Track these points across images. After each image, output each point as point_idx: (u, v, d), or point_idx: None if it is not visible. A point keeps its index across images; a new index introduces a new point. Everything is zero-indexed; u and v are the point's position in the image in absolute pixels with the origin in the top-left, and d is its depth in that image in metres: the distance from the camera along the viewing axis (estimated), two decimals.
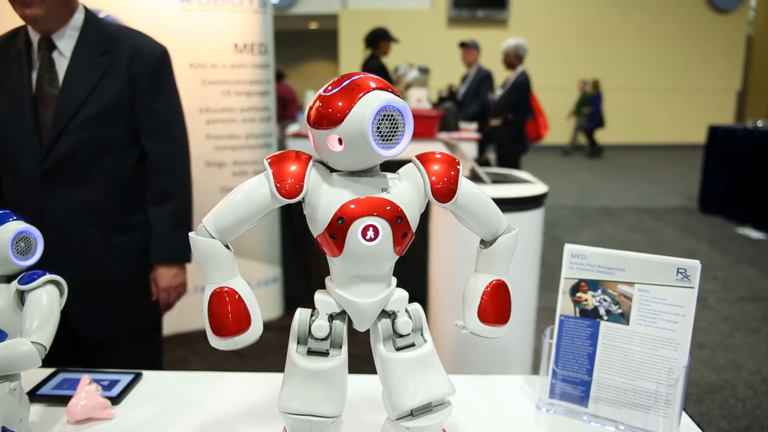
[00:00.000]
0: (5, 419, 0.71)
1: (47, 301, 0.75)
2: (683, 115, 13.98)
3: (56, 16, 1.34)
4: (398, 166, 0.69)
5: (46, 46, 1.36)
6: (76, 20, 1.39)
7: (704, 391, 2.61)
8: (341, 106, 0.59)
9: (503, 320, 0.72)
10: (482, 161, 4.62)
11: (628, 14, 13.58)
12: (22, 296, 0.77)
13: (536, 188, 2.14)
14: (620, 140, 13.98)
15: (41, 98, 1.36)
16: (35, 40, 1.36)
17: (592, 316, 0.88)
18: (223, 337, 0.63)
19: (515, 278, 0.74)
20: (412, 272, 1.30)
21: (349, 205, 0.62)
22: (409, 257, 0.70)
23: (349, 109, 0.59)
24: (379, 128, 0.59)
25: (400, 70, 5.33)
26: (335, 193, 0.63)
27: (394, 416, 0.67)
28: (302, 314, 0.68)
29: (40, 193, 1.37)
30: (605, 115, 12.57)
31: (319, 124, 0.61)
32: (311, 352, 0.67)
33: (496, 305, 0.71)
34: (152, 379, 1.01)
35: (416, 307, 0.71)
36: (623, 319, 0.86)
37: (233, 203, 0.64)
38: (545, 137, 5.68)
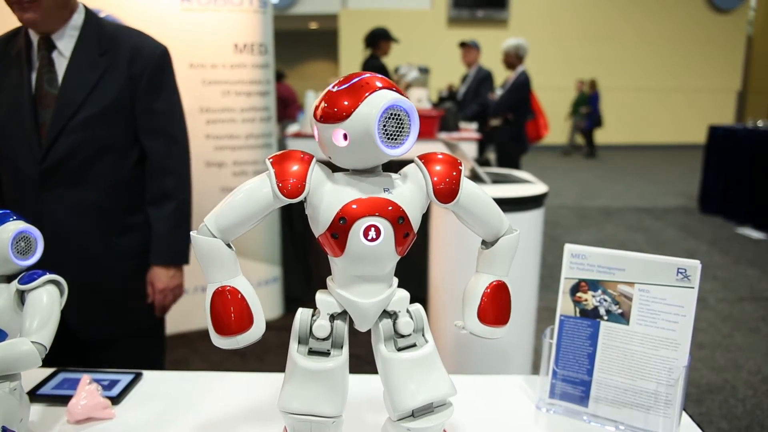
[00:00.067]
0: (5, 419, 0.71)
1: (47, 300, 0.75)
2: (683, 115, 13.98)
3: (54, 18, 1.33)
4: (400, 166, 0.69)
5: (45, 46, 1.35)
6: (75, 20, 1.38)
7: (704, 391, 2.61)
8: (348, 102, 0.59)
9: (503, 321, 0.72)
10: (482, 161, 4.62)
11: (628, 14, 13.58)
12: (22, 296, 0.77)
13: (536, 188, 2.14)
14: (620, 140, 13.98)
15: (41, 98, 1.35)
16: (35, 40, 1.36)
17: (592, 316, 0.88)
18: (225, 336, 0.63)
19: (515, 278, 0.74)
20: (412, 272, 1.30)
21: (351, 205, 0.62)
22: (409, 257, 0.70)
23: (356, 106, 0.59)
24: (385, 127, 0.59)
25: (400, 70, 5.33)
26: (337, 193, 0.63)
27: (395, 417, 0.67)
28: (303, 314, 0.68)
29: (39, 193, 1.36)
30: (603, 114, 12.56)
31: (325, 118, 0.61)
32: (312, 352, 0.67)
33: (496, 306, 0.71)
34: (152, 378, 1.01)
35: (418, 307, 0.71)
36: (623, 319, 0.86)
37: (235, 203, 0.64)
38: (545, 137, 5.68)
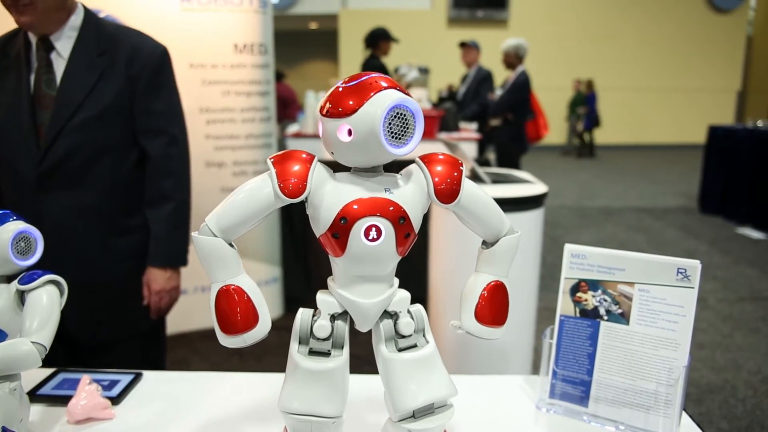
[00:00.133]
0: (5, 419, 0.71)
1: (47, 301, 0.75)
2: (683, 115, 13.98)
3: (51, 20, 1.32)
4: (400, 166, 0.69)
5: (43, 47, 1.35)
6: (74, 21, 1.37)
7: (704, 391, 2.61)
8: (355, 99, 0.59)
9: (500, 322, 0.71)
10: (482, 161, 4.62)
11: (628, 14, 13.58)
12: (22, 296, 0.77)
13: (536, 188, 2.14)
14: (620, 140, 13.99)
15: (39, 99, 1.35)
16: (34, 41, 1.35)
17: (592, 316, 0.88)
18: (231, 334, 0.63)
19: (515, 278, 0.73)
20: (412, 273, 1.29)
21: (352, 205, 0.62)
22: (409, 258, 0.70)
23: (362, 103, 0.59)
24: (390, 126, 0.59)
25: (400, 70, 5.33)
26: (338, 193, 0.63)
27: (396, 417, 0.67)
28: (304, 314, 0.68)
29: (37, 194, 1.36)
30: (604, 115, 12.55)
31: (331, 113, 0.61)
32: (313, 352, 0.67)
33: (493, 306, 0.71)
34: (152, 379, 1.00)
35: (418, 308, 0.71)
36: (623, 319, 0.86)
37: (236, 202, 0.64)
38: (545, 137, 5.68)
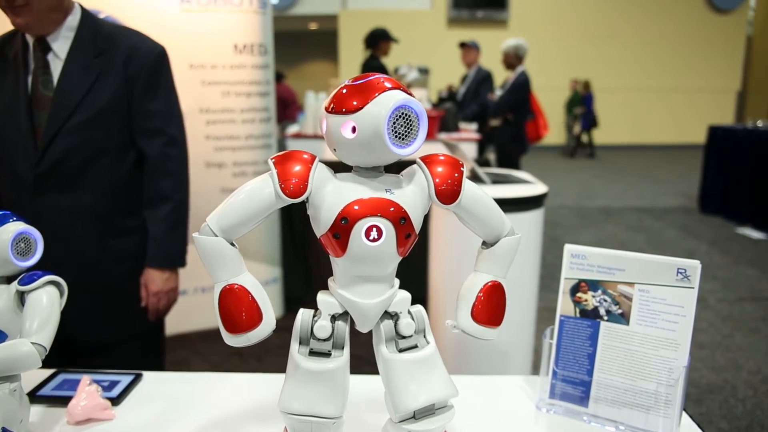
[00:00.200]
0: (5, 420, 0.71)
1: (47, 301, 0.75)
2: (683, 115, 13.98)
3: (48, 21, 1.32)
4: (401, 167, 0.69)
5: (40, 47, 1.34)
6: (70, 21, 1.36)
7: (704, 391, 2.61)
8: (360, 98, 0.60)
9: (496, 322, 0.71)
10: (482, 161, 4.62)
11: (628, 14, 13.58)
12: (22, 297, 0.77)
13: (536, 188, 2.14)
14: (620, 140, 13.99)
15: (36, 100, 1.34)
16: (31, 41, 1.35)
17: (592, 316, 0.88)
18: (236, 333, 0.63)
19: (515, 278, 0.74)
20: (412, 273, 1.29)
21: (352, 205, 0.62)
22: (409, 258, 0.70)
23: (367, 101, 0.59)
24: (394, 126, 0.59)
25: (400, 70, 5.33)
26: (339, 193, 0.63)
27: (396, 418, 0.67)
28: (304, 315, 0.68)
29: (35, 196, 1.35)
30: (604, 115, 12.54)
31: (336, 109, 0.61)
32: (313, 352, 0.67)
33: (490, 306, 0.71)
34: (152, 379, 1.00)
35: (419, 308, 0.71)
36: (623, 319, 0.86)
37: (237, 202, 0.64)
38: (545, 137, 5.68)
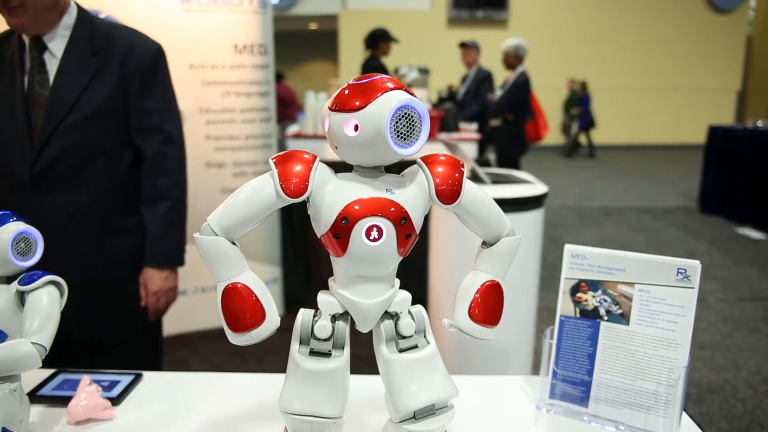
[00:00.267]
0: (5, 420, 0.71)
1: (47, 301, 0.75)
2: (683, 115, 13.98)
3: (43, 21, 1.31)
4: (402, 167, 0.69)
5: (36, 47, 1.34)
6: (67, 20, 1.36)
7: (704, 391, 2.61)
8: (363, 97, 0.60)
9: (493, 321, 0.71)
10: (482, 162, 4.62)
11: (628, 14, 13.58)
12: (22, 297, 0.77)
13: (536, 188, 2.14)
14: (620, 140, 13.99)
15: (32, 100, 1.34)
16: (27, 41, 1.34)
17: (592, 316, 0.88)
18: (240, 332, 0.63)
19: (515, 278, 0.74)
20: (412, 273, 1.30)
21: (353, 205, 0.62)
22: (409, 258, 0.70)
23: (370, 100, 0.59)
24: (396, 126, 0.60)
25: (400, 70, 5.33)
26: (340, 193, 0.63)
27: (396, 418, 0.67)
28: (305, 315, 0.68)
29: (31, 196, 1.34)
30: (602, 114, 12.52)
31: (339, 107, 0.61)
32: (313, 352, 0.67)
33: (488, 305, 0.70)
34: (152, 379, 1.01)
35: (419, 309, 0.71)
36: (623, 319, 0.86)
37: (238, 202, 0.64)
38: (545, 137, 5.68)
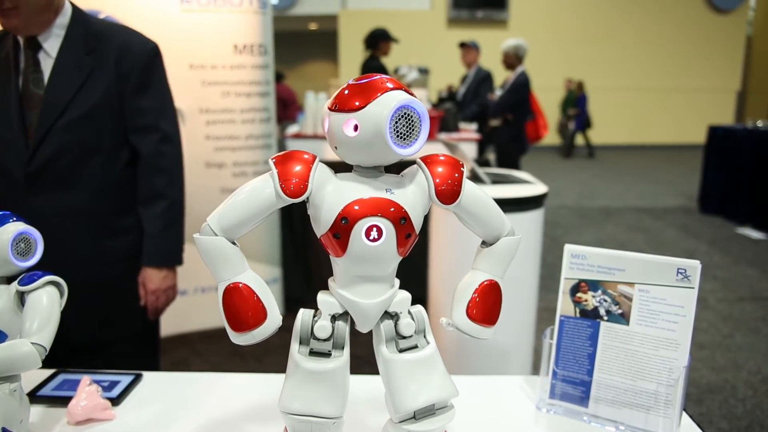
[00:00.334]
0: (5, 420, 0.71)
1: (47, 302, 0.75)
2: (683, 115, 13.98)
3: (37, 22, 1.31)
4: (402, 167, 0.69)
5: (31, 46, 1.33)
6: (61, 20, 1.35)
7: (704, 391, 2.61)
8: (363, 97, 0.60)
9: (491, 321, 0.71)
10: (482, 162, 4.62)
11: (628, 14, 13.58)
12: (22, 297, 0.77)
13: (536, 188, 2.14)
14: (620, 140, 13.99)
15: (27, 99, 1.33)
16: (22, 40, 1.34)
17: (592, 316, 0.88)
18: (242, 332, 0.63)
19: (515, 278, 0.74)
20: (412, 273, 1.30)
21: (353, 205, 0.62)
22: (409, 258, 0.70)
23: (370, 100, 0.59)
24: (396, 126, 0.60)
25: (400, 70, 5.34)
26: (339, 193, 0.63)
27: (396, 418, 0.67)
28: (305, 315, 0.68)
29: (26, 196, 1.33)
30: (599, 114, 12.52)
31: (339, 107, 0.61)
32: (313, 352, 0.67)
33: (486, 304, 0.70)
34: (152, 380, 1.01)
35: (419, 309, 0.71)
36: (623, 319, 0.86)
37: (237, 202, 0.64)
38: (545, 137, 5.68)
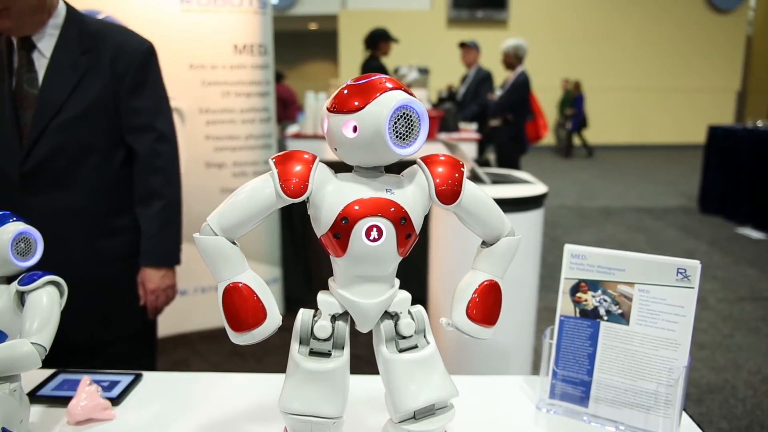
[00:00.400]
0: (5, 420, 0.71)
1: (47, 302, 0.75)
2: (683, 115, 13.98)
3: (30, 23, 1.30)
4: (402, 167, 0.69)
5: (24, 46, 1.32)
6: (55, 20, 1.34)
7: (704, 391, 2.61)
8: (362, 97, 0.60)
9: (491, 321, 0.71)
10: (482, 162, 4.62)
11: (628, 14, 13.58)
12: (22, 297, 0.77)
13: (536, 188, 2.14)
14: (620, 140, 13.99)
15: (21, 99, 1.32)
16: (15, 40, 1.32)
17: (592, 316, 0.88)
18: (241, 332, 0.63)
19: (515, 278, 0.74)
20: (412, 273, 1.30)
21: (353, 205, 0.62)
22: (409, 258, 0.70)
23: (369, 101, 0.59)
24: (395, 126, 0.60)
25: (400, 70, 5.34)
26: (339, 193, 0.63)
27: (396, 418, 0.67)
28: (305, 315, 0.68)
29: (21, 196, 1.32)
30: (599, 115, 12.52)
31: (338, 108, 0.61)
32: (313, 352, 0.67)
33: (486, 304, 0.70)
34: (152, 379, 1.01)
35: (419, 309, 0.71)
36: (623, 319, 0.86)
37: (237, 202, 0.64)
38: (544, 137, 5.68)
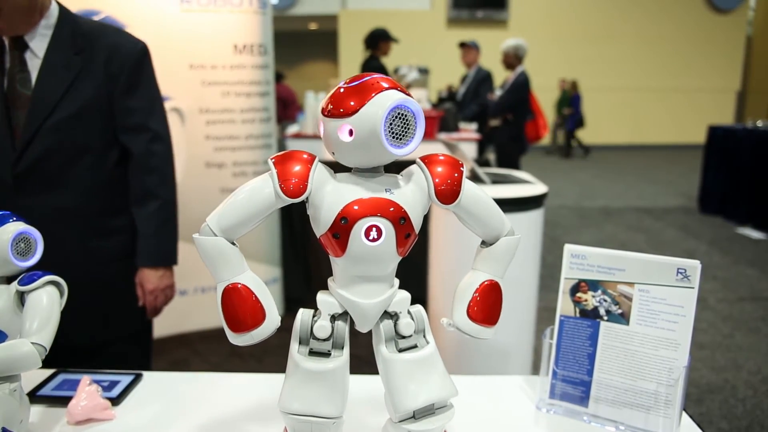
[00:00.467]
0: (5, 420, 0.71)
1: (47, 302, 0.75)
2: (683, 115, 13.98)
3: (21, 23, 1.29)
4: (401, 167, 0.69)
5: (17, 46, 1.31)
6: (48, 20, 1.33)
7: (704, 391, 2.61)
8: (356, 99, 0.60)
9: (492, 321, 0.71)
10: (482, 161, 4.62)
11: (627, 14, 13.58)
12: (22, 297, 0.77)
13: (536, 188, 2.14)
14: (620, 140, 13.99)
15: (14, 100, 1.31)
16: (7, 41, 1.32)
17: (592, 316, 0.88)
18: (240, 332, 0.63)
19: (515, 278, 0.74)
20: (412, 273, 1.30)
21: (352, 205, 0.62)
22: (409, 258, 0.70)
23: (363, 103, 0.59)
24: (391, 126, 0.60)
25: (400, 70, 5.34)
26: (339, 193, 0.63)
27: (396, 418, 0.67)
28: (304, 315, 0.68)
29: (14, 197, 1.31)
30: (596, 115, 12.53)
31: (332, 113, 0.61)
32: (313, 352, 0.67)
33: (486, 304, 0.70)
34: (152, 379, 1.01)
35: (419, 308, 0.71)
36: (623, 319, 0.86)
37: (237, 202, 0.64)
38: (544, 137, 5.69)
